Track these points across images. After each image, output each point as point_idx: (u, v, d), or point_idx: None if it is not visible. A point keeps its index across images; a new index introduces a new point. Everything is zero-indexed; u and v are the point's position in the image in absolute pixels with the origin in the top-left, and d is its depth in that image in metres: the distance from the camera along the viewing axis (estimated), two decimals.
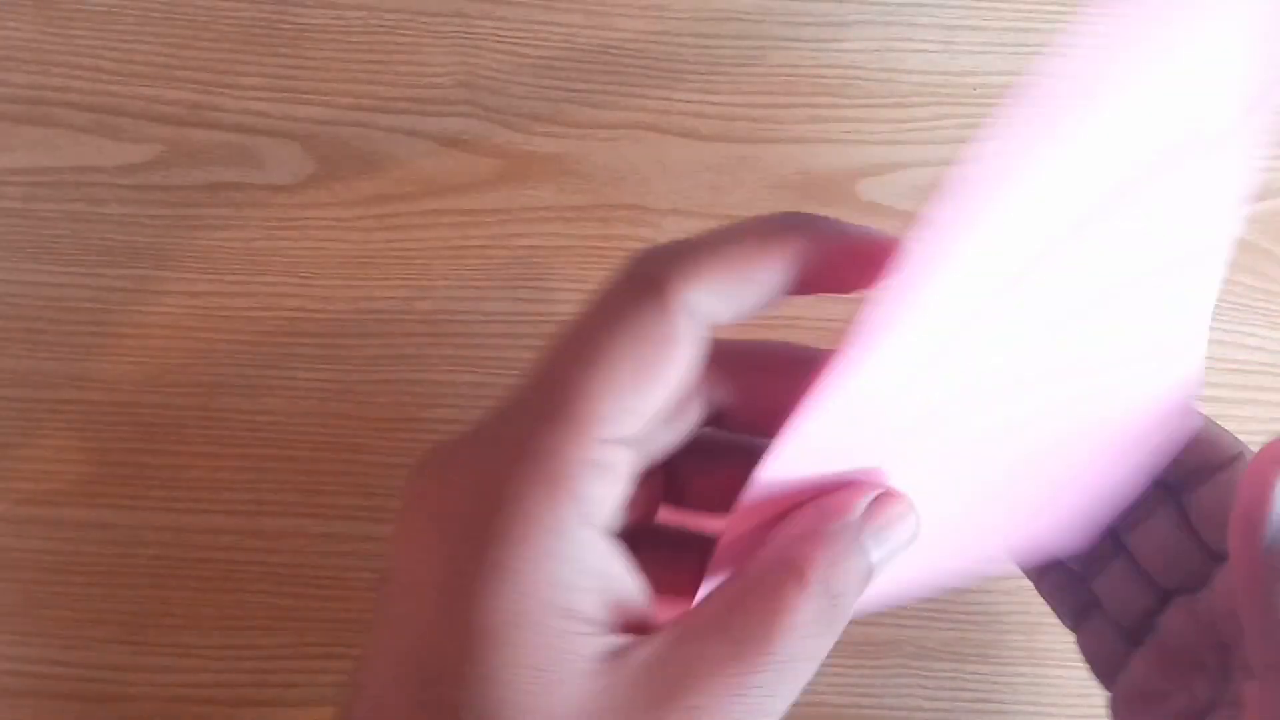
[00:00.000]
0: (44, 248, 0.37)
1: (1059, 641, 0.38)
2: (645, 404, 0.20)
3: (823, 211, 0.38)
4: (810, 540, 0.21)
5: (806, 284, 0.21)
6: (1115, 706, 0.30)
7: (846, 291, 0.21)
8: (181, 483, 0.37)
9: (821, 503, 0.22)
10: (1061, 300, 0.23)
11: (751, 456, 0.20)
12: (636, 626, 0.20)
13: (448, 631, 0.19)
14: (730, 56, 0.38)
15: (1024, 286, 0.21)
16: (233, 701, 0.37)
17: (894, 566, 0.22)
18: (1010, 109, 0.17)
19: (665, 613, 0.21)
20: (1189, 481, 0.28)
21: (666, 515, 0.24)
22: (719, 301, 0.20)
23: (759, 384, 0.23)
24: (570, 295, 0.38)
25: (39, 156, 0.37)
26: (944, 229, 0.18)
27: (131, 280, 0.37)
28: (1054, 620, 0.38)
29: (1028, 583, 0.38)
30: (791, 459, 0.21)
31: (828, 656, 0.20)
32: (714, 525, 0.22)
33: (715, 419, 0.23)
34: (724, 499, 0.22)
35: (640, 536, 0.22)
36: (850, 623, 0.21)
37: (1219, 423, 0.39)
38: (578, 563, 0.19)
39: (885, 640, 0.38)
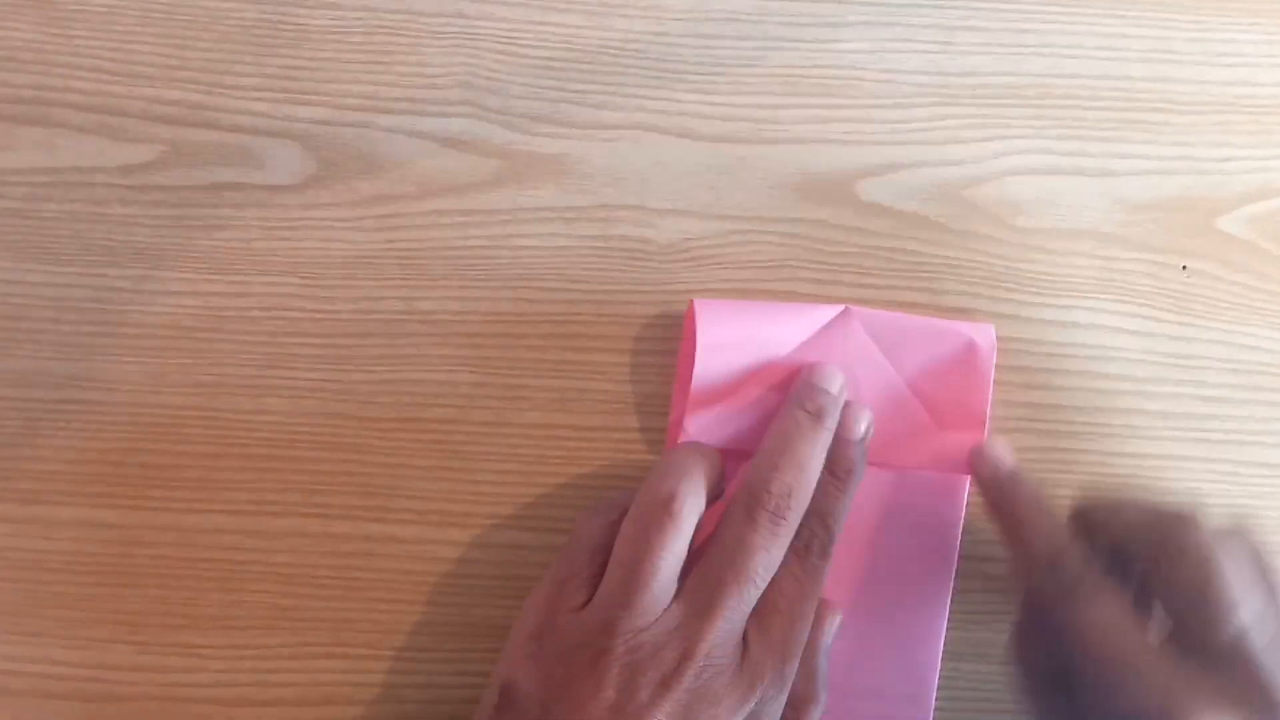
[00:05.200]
0: (45, 248, 0.37)
1: None
2: None
3: (822, 211, 0.38)
4: None
5: None
6: None
7: None
8: (182, 483, 0.37)
9: None
10: None
11: None
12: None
13: None
14: (730, 57, 0.38)
15: None
16: (233, 701, 0.37)
17: None
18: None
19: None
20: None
21: None
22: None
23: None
24: (570, 295, 0.38)
25: (40, 157, 0.37)
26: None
27: (132, 280, 0.37)
28: None
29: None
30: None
31: None
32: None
33: None
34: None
35: None
36: None
37: (1218, 422, 0.39)
38: None
39: None
